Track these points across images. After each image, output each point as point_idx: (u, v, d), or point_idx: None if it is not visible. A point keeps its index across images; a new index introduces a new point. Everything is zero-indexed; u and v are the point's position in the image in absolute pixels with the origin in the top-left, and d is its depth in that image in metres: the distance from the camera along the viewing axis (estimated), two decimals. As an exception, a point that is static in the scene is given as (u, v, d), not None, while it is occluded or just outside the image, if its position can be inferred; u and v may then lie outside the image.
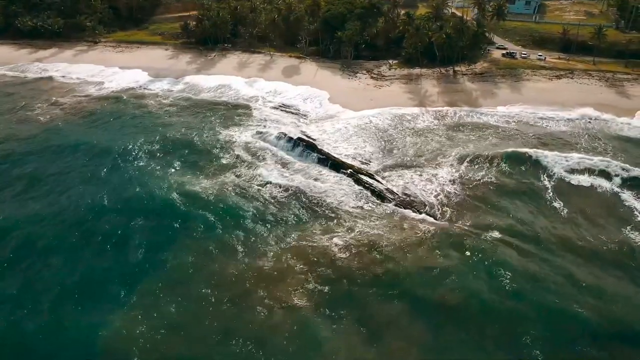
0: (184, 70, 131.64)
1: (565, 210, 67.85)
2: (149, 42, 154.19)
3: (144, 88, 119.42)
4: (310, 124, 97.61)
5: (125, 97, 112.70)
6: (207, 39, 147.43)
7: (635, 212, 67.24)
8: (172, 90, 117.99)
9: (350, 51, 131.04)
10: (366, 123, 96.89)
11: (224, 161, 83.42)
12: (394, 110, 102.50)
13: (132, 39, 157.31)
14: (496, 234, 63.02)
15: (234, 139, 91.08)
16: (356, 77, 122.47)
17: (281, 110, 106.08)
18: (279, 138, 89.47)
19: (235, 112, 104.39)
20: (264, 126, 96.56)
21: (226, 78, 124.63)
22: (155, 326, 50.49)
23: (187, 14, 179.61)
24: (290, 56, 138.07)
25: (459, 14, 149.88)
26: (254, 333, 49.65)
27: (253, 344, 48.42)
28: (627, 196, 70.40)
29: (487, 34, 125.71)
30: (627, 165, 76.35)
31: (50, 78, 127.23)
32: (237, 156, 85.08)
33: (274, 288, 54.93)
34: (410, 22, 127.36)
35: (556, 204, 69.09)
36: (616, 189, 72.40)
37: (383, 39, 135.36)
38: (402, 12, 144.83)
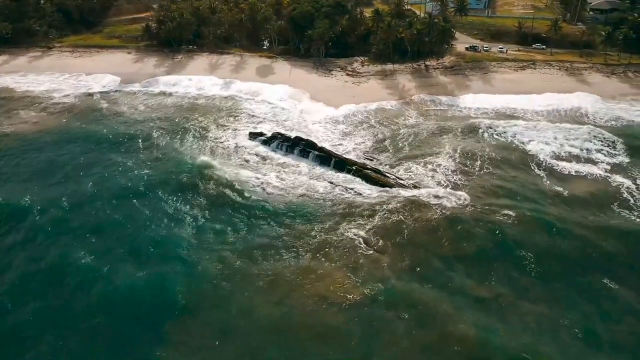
0: (153, 73, 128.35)
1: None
2: (108, 45, 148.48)
3: (119, 92, 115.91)
4: (300, 123, 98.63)
5: (101, 103, 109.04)
6: (171, 41, 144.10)
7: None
8: (147, 94, 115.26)
9: (322, 49, 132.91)
10: (354, 119, 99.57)
11: (224, 164, 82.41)
12: (377, 105, 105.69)
13: (89, 43, 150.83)
14: (504, 203, 69.14)
15: (228, 141, 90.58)
16: (332, 74, 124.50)
17: (266, 110, 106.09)
18: (274, 138, 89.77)
19: (219, 113, 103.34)
20: (254, 127, 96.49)
21: (201, 79, 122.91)
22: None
23: (140, 15, 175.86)
24: (261, 56, 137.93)
25: (415, 10, 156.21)
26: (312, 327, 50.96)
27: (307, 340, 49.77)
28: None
29: (453, 29, 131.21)
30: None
31: (9, 88, 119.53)
32: (236, 158, 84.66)
33: (317, 284, 56.07)
34: (380, 19, 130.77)
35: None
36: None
37: (353, 36, 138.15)
38: (364, 9, 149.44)
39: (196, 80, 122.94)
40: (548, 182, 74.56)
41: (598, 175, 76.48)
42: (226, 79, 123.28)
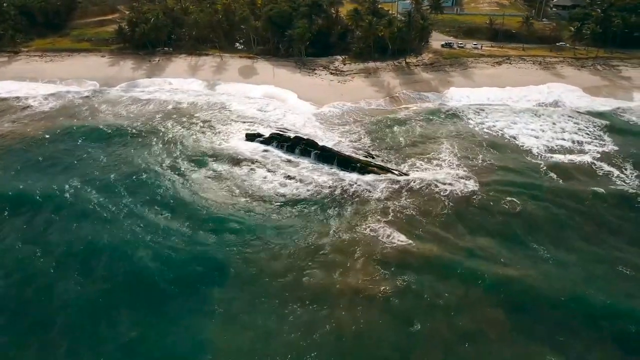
0: (132, 76, 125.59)
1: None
2: (79, 49, 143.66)
3: (99, 97, 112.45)
4: (293, 123, 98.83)
5: (83, 110, 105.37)
6: (146, 43, 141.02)
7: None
8: (130, 98, 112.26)
9: (303, 49, 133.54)
10: (346, 117, 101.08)
11: (226, 167, 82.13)
12: (366, 102, 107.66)
13: (58, 47, 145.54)
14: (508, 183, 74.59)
15: (226, 143, 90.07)
16: (315, 74, 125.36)
17: (255, 111, 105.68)
18: (273, 138, 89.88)
19: (209, 115, 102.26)
20: (246, 129, 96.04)
21: (184, 82, 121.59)
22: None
23: (107, 17, 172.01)
24: (241, 57, 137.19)
25: (385, 9, 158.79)
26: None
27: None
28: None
29: (431, 27, 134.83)
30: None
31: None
32: (240, 159, 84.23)
33: (347, 279, 57.12)
34: (359, 18, 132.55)
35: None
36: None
37: (333, 36, 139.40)
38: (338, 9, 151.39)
39: (179, 82, 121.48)
40: (544, 168, 78.77)
41: (586, 161, 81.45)
42: (209, 80, 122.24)
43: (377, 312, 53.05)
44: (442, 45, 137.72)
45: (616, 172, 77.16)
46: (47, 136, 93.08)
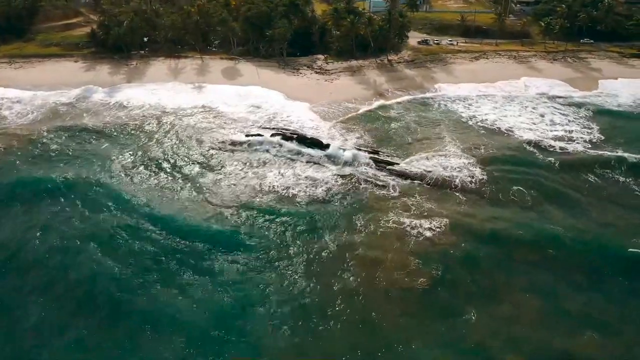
0: (112, 81, 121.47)
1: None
2: (50, 54, 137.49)
3: (84, 104, 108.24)
4: (289, 123, 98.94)
5: (67, 120, 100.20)
6: (121, 47, 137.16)
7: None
8: (116, 104, 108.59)
9: (284, 49, 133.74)
10: (342, 115, 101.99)
11: (230, 167, 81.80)
12: (357, 101, 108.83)
13: (25, 52, 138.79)
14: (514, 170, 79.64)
15: (225, 145, 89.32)
16: (300, 73, 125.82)
17: (247, 112, 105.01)
18: (274, 138, 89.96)
19: (202, 118, 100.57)
20: (242, 130, 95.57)
21: (168, 85, 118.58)
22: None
23: (72, 21, 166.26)
24: (222, 58, 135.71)
25: (360, 8, 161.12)
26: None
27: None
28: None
29: (410, 24, 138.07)
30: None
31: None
32: (241, 161, 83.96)
33: (382, 272, 58.35)
34: (340, 17, 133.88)
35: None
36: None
37: (315, 35, 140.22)
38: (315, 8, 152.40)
39: (162, 86, 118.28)
40: (544, 155, 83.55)
41: (579, 146, 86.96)
42: (194, 83, 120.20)
43: (417, 304, 54.55)
44: (419, 43, 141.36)
45: (607, 154, 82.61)
46: (39, 142, 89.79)
